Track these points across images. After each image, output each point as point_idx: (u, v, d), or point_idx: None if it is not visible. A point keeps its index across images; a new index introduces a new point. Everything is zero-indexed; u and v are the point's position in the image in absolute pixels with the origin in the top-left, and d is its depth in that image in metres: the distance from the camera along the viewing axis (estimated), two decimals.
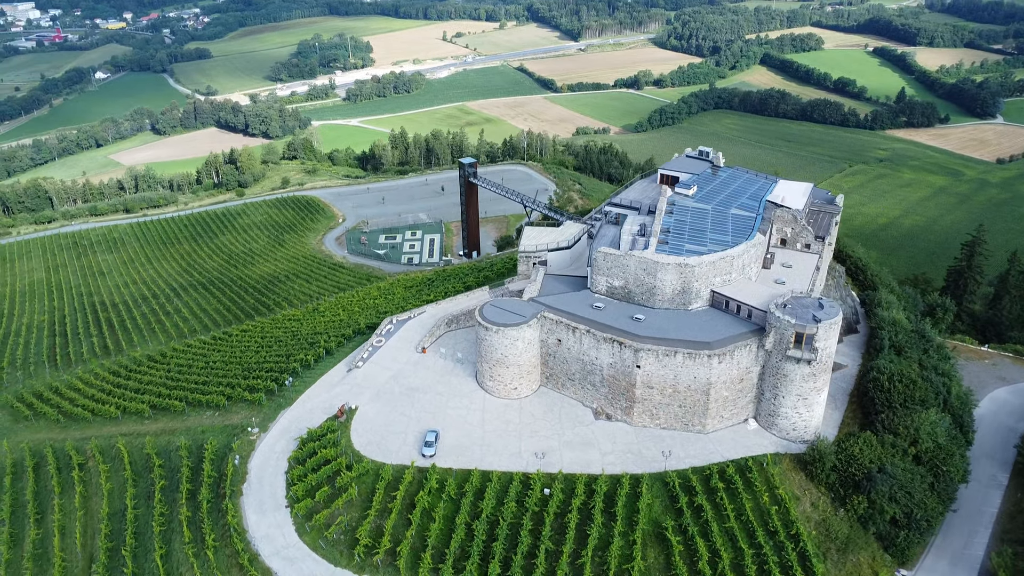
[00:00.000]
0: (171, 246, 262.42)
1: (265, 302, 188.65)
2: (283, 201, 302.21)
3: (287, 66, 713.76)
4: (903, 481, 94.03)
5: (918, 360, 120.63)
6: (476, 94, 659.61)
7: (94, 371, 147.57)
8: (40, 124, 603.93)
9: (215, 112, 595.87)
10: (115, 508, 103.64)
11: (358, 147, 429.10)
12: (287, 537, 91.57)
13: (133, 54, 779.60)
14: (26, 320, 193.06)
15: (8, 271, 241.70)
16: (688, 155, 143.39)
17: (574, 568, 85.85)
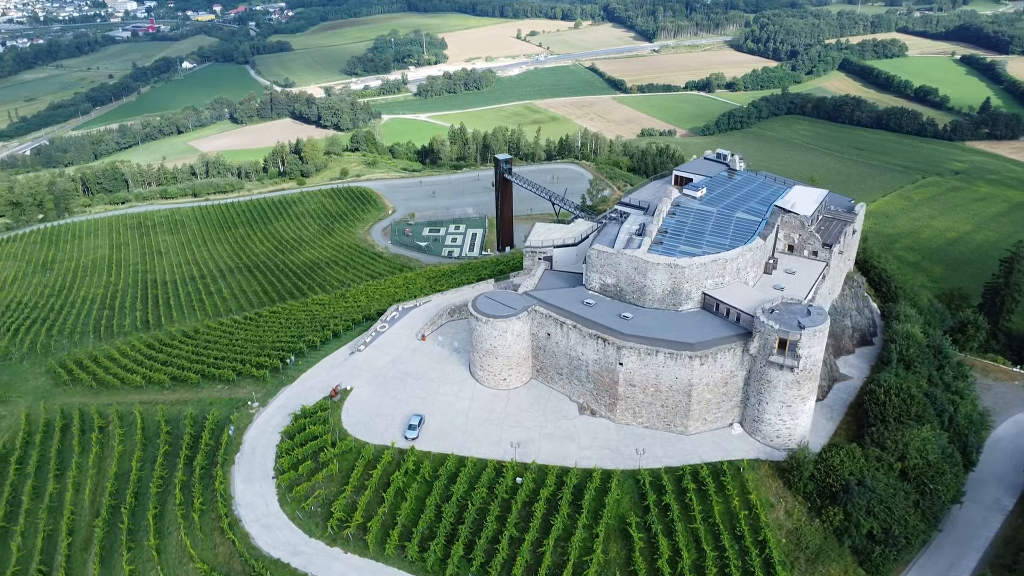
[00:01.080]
0: (228, 230, 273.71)
1: (300, 287, 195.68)
2: (338, 191, 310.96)
3: (362, 61, 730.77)
4: (883, 495, 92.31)
5: (927, 376, 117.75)
6: (544, 93, 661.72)
7: (131, 343, 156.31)
8: (128, 110, 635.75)
9: (290, 103, 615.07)
10: (123, 469, 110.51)
11: (422, 142, 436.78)
12: (269, 506, 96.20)
13: (219, 45, 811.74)
14: (83, 293, 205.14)
15: (76, 247, 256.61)
16: (707, 157, 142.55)
17: (535, 555, 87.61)
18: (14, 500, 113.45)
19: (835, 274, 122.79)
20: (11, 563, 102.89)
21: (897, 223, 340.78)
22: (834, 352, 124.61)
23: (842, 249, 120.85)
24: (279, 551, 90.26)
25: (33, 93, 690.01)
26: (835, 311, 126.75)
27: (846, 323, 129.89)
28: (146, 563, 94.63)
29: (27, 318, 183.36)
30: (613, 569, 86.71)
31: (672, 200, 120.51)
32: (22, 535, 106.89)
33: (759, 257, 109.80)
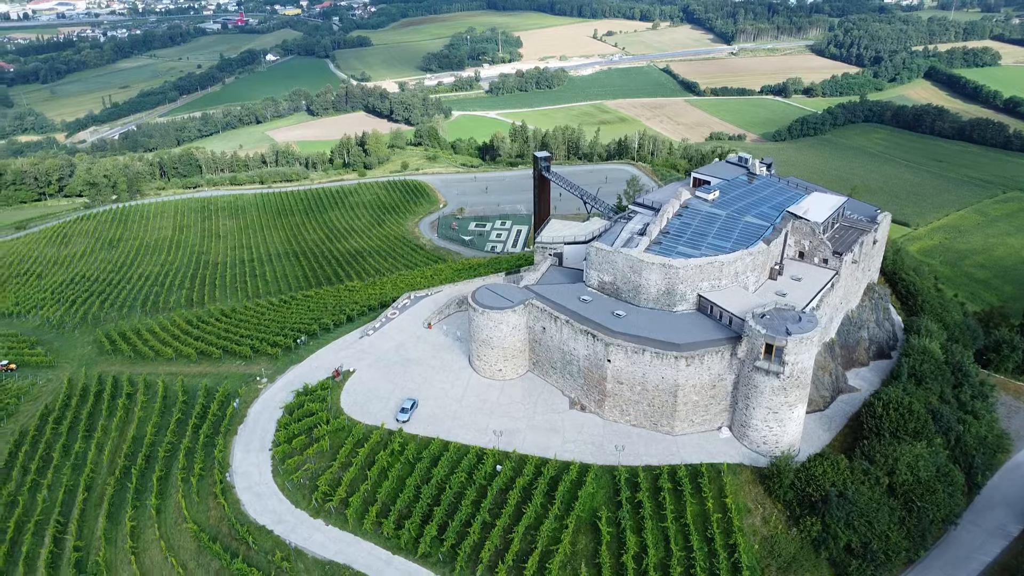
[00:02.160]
0: (285, 217, 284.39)
1: (339, 273, 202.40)
2: (394, 184, 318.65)
3: (438, 57, 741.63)
4: (864, 509, 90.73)
5: (939, 393, 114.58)
6: (616, 93, 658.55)
7: (173, 318, 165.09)
8: (212, 99, 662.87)
9: (365, 97, 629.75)
10: (140, 433, 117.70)
11: (484, 138, 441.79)
12: (262, 475, 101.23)
13: (302, 39, 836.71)
14: (140, 270, 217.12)
15: (142, 227, 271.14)
16: (729, 161, 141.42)
17: (504, 541, 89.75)
18: (46, 456, 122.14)
19: (849, 284, 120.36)
20: (36, 512, 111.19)
21: (970, 239, 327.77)
22: (845, 363, 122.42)
23: (856, 259, 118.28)
24: (265, 518, 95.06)
25: (127, 81, 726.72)
26: (849, 322, 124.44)
27: (862, 335, 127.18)
28: (146, 521, 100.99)
29: (86, 291, 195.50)
30: (579, 560, 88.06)
31: (682, 202, 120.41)
32: (48, 488, 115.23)
33: (761, 262, 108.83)
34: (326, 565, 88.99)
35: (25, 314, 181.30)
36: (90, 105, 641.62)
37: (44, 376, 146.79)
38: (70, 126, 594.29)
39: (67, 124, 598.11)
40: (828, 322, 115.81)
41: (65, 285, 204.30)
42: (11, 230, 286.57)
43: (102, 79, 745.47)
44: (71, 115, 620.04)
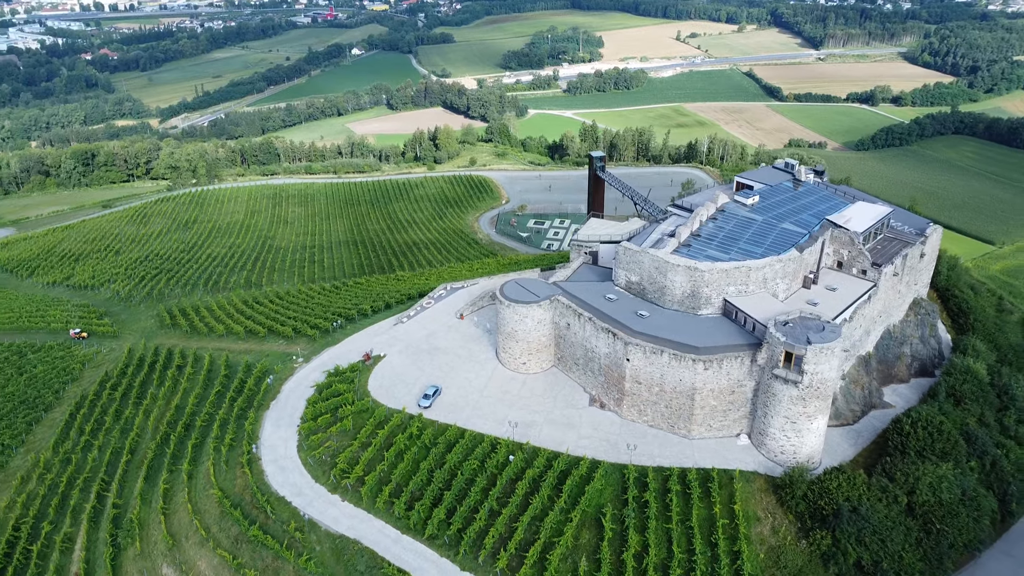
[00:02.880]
0: (352, 206, 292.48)
1: (392, 263, 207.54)
2: (459, 178, 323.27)
3: (517, 56, 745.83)
4: (877, 527, 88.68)
5: (978, 415, 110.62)
6: (695, 96, 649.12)
7: (230, 298, 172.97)
8: (297, 91, 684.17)
9: (443, 93, 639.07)
10: (183, 403, 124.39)
11: (554, 137, 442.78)
12: (288, 449, 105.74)
13: (387, 35, 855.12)
14: (208, 251, 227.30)
15: (217, 210, 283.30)
16: (775, 167, 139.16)
17: (509, 529, 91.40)
18: (100, 419, 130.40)
19: (890, 297, 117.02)
20: (86, 470, 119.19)
21: None
22: (883, 379, 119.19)
23: (898, 272, 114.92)
24: (286, 490, 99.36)
25: (219, 71, 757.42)
26: (890, 336, 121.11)
27: (903, 350, 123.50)
28: (179, 484, 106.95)
29: (156, 268, 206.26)
30: (580, 554, 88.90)
31: (719, 205, 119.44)
32: (99, 449, 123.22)
33: (792, 269, 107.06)
34: (337, 539, 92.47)
35: (99, 287, 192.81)
36: (183, 93, 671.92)
37: (108, 345, 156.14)
38: (163, 112, 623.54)
39: (161, 110, 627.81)
40: (864, 335, 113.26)
41: (139, 262, 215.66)
42: (98, 208, 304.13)
43: (196, 68, 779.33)
44: (165, 102, 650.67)
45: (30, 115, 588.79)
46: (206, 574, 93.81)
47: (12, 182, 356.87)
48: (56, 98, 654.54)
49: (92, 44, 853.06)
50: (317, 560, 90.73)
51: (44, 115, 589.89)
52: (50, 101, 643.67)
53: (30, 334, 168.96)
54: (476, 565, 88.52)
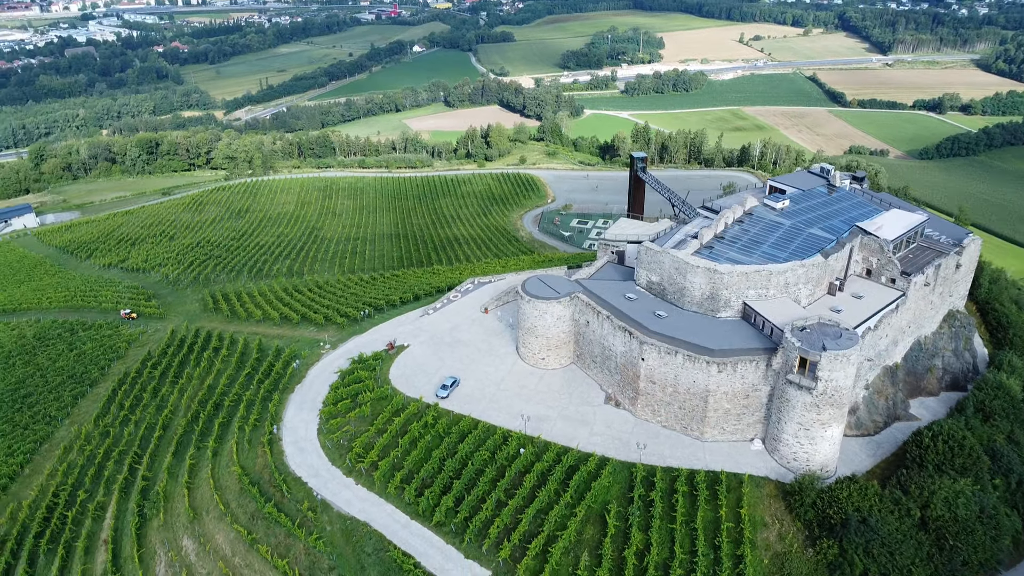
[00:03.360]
0: (399, 200, 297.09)
1: (431, 257, 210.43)
2: (507, 176, 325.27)
3: (576, 55, 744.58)
4: (886, 539, 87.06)
5: (1007, 432, 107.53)
6: (755, 99, 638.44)
7: (272, 285, 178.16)
8: (357, 87, 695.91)
9: (500, 92, 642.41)
10: (215, 383, 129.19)
11: (606, 137, 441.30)
12: (308, 432, 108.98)
13: (448, 33, 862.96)
14: (257, 239, 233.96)
15: (269, 200, 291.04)
16: (811, 171, 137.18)
17: (514, 520, 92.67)
18: (138, 396, 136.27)
19: (921, 308, 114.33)
20: (121, 443, 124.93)
21: None
22: (911, 391, 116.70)
23: (929, 282, 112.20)
24: (302, 471, 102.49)
25: (284, 65, 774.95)
26: (920, 348, 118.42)
27: (935, 363, 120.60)
28: (204, 460, 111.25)
29: (205, 255, 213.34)
30: (582, 549, 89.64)
31: (747, 208, 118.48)
32: (135, 423, 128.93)
33: (816, 275, 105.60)
34: (347, 520, 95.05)
35: (150, 271, 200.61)
36: (248, 86, 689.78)
37: (154, 326, 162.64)
38: (228, 104, 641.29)
39: (226, 103, 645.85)
40: (891, 346, 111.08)
41: (190, 248, 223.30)
42: (158, 195, 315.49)
43: (262, 62, 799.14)
44: (231, 94, 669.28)
45: (103, 104, 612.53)
46: (222, 547, 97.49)
47: (81, 168, 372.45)
48: (128, 88, 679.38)
49: (164, 37, 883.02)
50: (327, 540, 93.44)
51: (116, 104, 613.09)
52: (122, 91, 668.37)
53: (83, 312, 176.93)
54: (480, 554, 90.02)
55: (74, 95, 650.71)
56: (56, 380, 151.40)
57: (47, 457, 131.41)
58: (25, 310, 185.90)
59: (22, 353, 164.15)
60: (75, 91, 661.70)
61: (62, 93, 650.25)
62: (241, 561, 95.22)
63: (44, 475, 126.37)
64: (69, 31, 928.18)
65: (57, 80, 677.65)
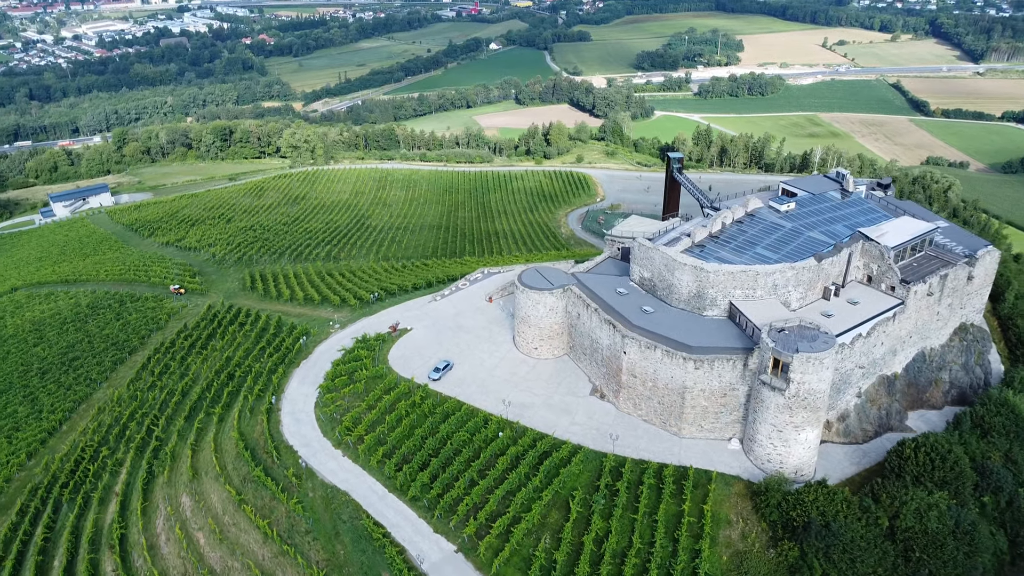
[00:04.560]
0: (450, 194, 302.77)
1: (466, 249, 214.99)
2: (560, 174, 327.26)
3: (651, 56, 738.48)
4: (848, 545, 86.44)
5: (1005, 451, 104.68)
6: (833, 106, 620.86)
7: (307, 268, 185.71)
8: (432, 82, 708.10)
9: (571, 91, 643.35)
10: (233, 355, 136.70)
11: (668, 139, 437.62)
12: (306, 404, 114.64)
13: (526, 31, 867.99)
14: (306, 226, 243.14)
15: (326, 189, 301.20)
16: (827, 176, 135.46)
17: (483, 499, 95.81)
18: (167, 364, 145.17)
19: (924, 318, 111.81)
20: (144, 407, 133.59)
21: None
22: (911, 403, 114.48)
23: (932, 292, 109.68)
24: (295, 440, 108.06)
25: (363, 60, 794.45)
26: (924, 360, 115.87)
27: (941, 376, 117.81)
28: (210, 425, 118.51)
29: (255, 237, 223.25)
30: (544, 532, 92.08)
31: (749, 209, 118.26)
32: (160, 389, 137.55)
33: (808, 278, 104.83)
34: (329, 488, 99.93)
35: (201, 250, 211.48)
36: (327, 79, 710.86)
37: (195, 301, 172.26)
38: (307, 96, 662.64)
39: (305, 94, 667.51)
40: (889, 355, 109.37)
41: (243, 230, 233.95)
42: (225, 180, 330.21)
43: (343, 56, 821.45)
44: (310, 87, 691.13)
45: (190, 93, 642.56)
46: (215, 506, 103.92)
47: (159, 152, 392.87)
48: (215, 78, 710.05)
49: (253, 30, 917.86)
50: (308, 505, 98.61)
51: (202, 93, 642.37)
52: (209, 81, 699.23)
53: (134, 285, 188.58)
54: (447, 529, 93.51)
55: (165, 83, 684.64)
56: (101, 346, 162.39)
57: (83, 416, 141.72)
58: (84, 281, 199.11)
59: (75, 320, 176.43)
60: (166, 80, 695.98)
61: (153, 81, 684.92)
62: (230, 520, 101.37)
63: (78, 432, 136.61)
64: (165, 22, 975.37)
65: (150, 69, 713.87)
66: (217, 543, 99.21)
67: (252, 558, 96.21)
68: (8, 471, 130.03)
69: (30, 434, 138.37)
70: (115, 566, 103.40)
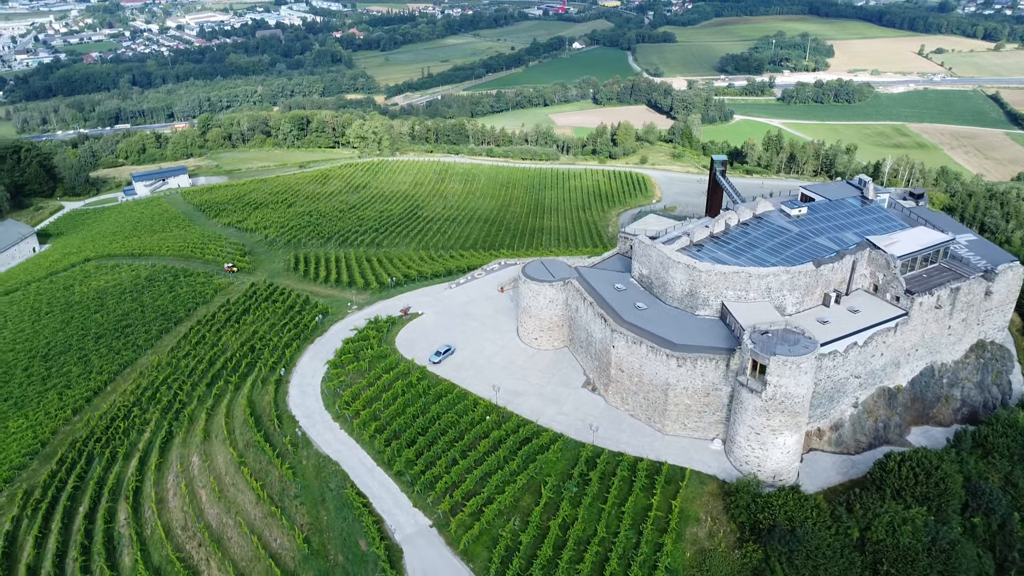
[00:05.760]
0: (507, 189, 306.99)
1: (505, 243, 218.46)
2: (619, 174, 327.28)
3: (736, 59, 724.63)
4: (812, 551, 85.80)
5: (1006, 473, 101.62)
6: (923, 116, 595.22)
7: (350, 253, 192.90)
8: (512, 80, 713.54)
9: (650, 92, 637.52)
10: (259, 330, 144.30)
11: (738, 143, 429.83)
12: (314, 378, 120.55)
13: (610, 31, 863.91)
14: (360, 213, 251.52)
15: (387, 179, 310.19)
16: (849, 182, 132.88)
17: (461, 478, 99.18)
18: (204, 336, 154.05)
19: (932, 331, 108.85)
20: (177, 373, 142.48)
21: None
22: (915, 418, 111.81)
23: (940, 305, 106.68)
24: (298, 411, 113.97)
25: (448, 56, 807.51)
26: (933, 374, 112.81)
27: (952, 393, 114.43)
28: (225, 393, 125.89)
29: (308, 222, 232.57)
30: (515, 514, 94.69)
31: (757, 212, 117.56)
32: (192, 358, 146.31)
33: (804, 283, 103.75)
34: (322, 458, 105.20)
35: (256, 231, 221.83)
36: (411, 74, 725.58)
37: (241, 279, 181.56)
38: (389, 90, 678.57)
39: (387, 88, 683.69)
40: (891, 367, 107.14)
41: (300, 215, 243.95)
42: (295, 168, 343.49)
43: (429, 52, 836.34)
44: (393, 81, 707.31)
45: (279, 83, 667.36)
46: (220, 467, 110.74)
47: (239, 138, 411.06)
48: (304, 70, 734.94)
49: (344, 23, 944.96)
50: (300, 471, 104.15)
51: (290, 84, 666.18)
52: (298, 72, 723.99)
53: (190, 261, 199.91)
54: (425, 504, 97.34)
55: (256, 73, 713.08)
56: (151, 316, 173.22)
57: (126, 379, 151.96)
58: (148, 255, 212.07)
59: (133, 291, 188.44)
60: (258, 70, 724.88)
61: (246, 71, 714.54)
62: (230, 480, 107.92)
63: (119, 393, 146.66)
64: (263, 14, 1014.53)
65: (244, 59, 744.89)
66: (216, 500, 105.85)
67: (245, 517, 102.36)
68: (55, 424, 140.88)
69: (78, 392, 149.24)
70: (127, 515, 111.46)
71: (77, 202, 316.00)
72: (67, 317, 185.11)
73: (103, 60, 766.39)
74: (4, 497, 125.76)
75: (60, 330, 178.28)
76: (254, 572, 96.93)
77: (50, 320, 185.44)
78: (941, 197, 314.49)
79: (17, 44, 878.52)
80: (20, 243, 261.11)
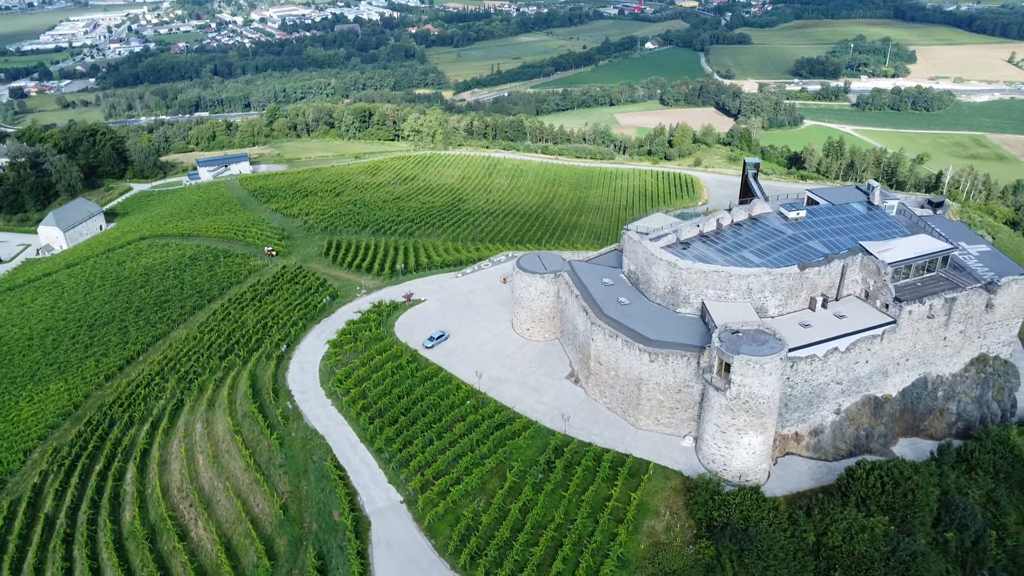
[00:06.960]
0: (552, 186, 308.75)
1: (534, 238, 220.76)
2: (668, 175, 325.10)
3: (811, 63, 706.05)
4: (763, 552, 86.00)
5: (989, 490, 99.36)
6: (1006, 127, 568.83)
7: (379, 241, 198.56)
8: (580, 78, 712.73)
9: (718, 93, 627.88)
10: (274, 309, 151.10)
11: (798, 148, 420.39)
12: (315, 357, 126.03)
13: (684, 31, 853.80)
14: (402, 204, 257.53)
15: (436, 172, 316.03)
16: (858, 187, 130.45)
17: (434, 458, 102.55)
18: (228, 313, 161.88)
19: (925, 341, 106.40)
20: (200, 347, 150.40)
21: None
22: (904, 429, 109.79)
23: (933, 315, 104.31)
24: (295, 386, 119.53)
25: (519, 53, 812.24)
26: (926, 386, 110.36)
27: (948, 406, 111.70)
28: (234, 366, 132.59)
29: (349, 210, 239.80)
30: (480, 495, 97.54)
31: (754, 213, 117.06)
32: (213, 332, 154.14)
33: (787, 286, 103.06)
34: (309, 431, 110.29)
35: (299, 217, 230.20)
36: (481, 70, 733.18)
37: (276, 262, 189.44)
38: (458, 86, 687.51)
39: (456, 84, 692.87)
40: (878, 376, 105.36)
41: (345, 204, 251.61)
42: (350, 159, 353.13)
43: (501, 49, 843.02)
44: (463, 77, 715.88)
45: (352, 76, 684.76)
46: (218, 434, 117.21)
47: (304, 128, 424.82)
48: (378, 64, 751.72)
49: (420, 19, 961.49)
50: (288, 442, 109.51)
51: (363, 77, 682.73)
52: (372, 66, 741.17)
53: (232, 243, 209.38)
54: (399, 481, 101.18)
55: (332, 66, 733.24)
56: (188, 293, 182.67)
57: (156, 350, 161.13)
58: (195, 236, 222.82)
59: (176, 269, 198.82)
60: (334, 63, 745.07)
61: (322, 64, 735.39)
62: (225, 448, 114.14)
63: (147, 363, 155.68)
64: (343, 9, 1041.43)
65: (320, 52, 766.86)
66: (210, 465, 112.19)
67: (233, 482, 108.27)
68: (89, 388, 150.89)
69: (113, 360, 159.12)
70: (133, 474, 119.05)
71: (145, 184, 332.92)
72: (115, 291, 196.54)
73: (188, 50, 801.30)
74: (37, 453, 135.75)
75: (108, 303, 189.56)
76: (235, 534, 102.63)
77: (100, 292, 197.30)
78: (1005, 211, 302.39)
79: (112, 34, 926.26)
80: (88, 220, 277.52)
